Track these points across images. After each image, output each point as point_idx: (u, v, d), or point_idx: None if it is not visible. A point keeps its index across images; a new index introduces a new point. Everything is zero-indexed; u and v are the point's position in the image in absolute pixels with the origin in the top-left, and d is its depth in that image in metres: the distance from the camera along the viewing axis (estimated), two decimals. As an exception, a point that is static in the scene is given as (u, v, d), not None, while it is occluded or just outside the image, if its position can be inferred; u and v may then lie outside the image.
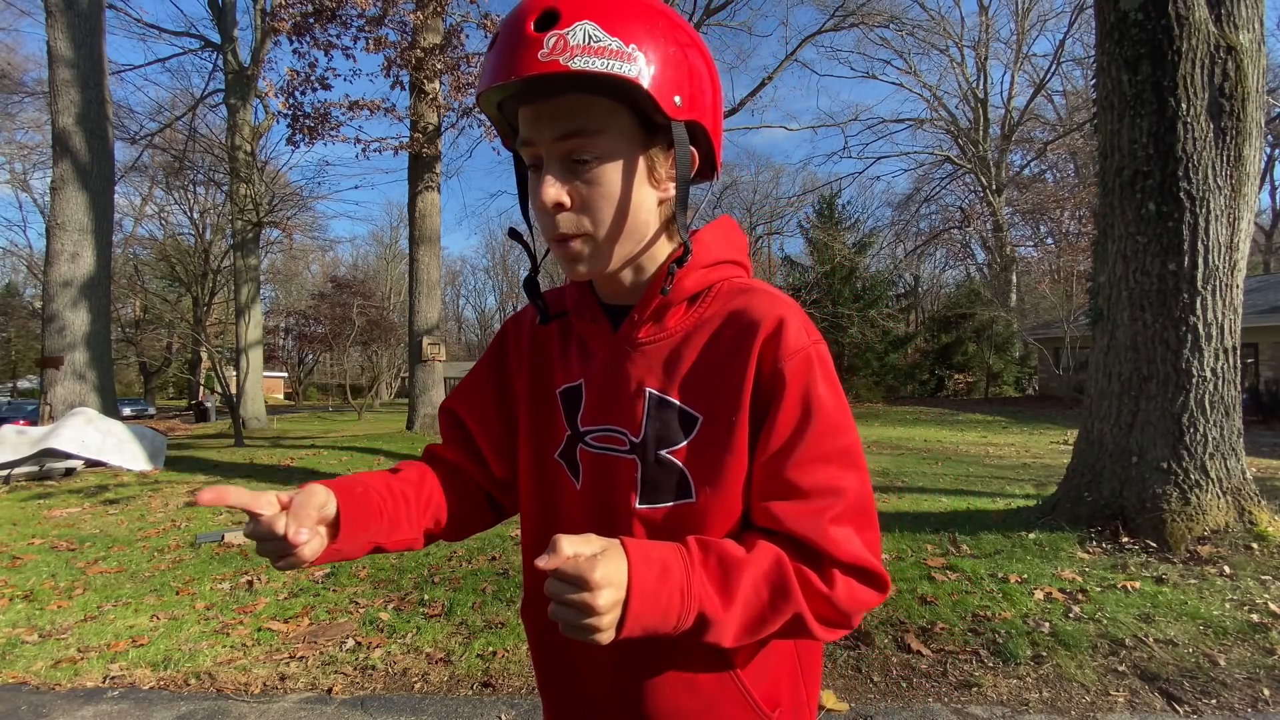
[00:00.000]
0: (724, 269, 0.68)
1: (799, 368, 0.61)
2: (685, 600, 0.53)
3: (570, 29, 0.54)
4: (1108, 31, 3.77)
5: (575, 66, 0.54)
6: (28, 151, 27.82)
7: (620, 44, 0.55)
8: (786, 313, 0.63)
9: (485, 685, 2.43)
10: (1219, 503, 3.47)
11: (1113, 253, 3.80)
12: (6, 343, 32.69)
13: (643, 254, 0.66)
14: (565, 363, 0.73)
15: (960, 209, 31.23)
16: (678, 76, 0.58)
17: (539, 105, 0.59)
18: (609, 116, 0.59)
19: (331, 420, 19.63)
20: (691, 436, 0.63)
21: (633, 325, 0.67)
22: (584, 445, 0.69)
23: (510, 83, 0.57)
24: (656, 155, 0.62)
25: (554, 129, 0.59)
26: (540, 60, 0.54)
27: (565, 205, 0.60)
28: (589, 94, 0.58)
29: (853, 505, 0.60)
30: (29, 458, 6.87)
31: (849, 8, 20.53)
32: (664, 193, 0.64)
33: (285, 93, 10.30)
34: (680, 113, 0.59)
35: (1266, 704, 2.15)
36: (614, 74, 0.54)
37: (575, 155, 0.59)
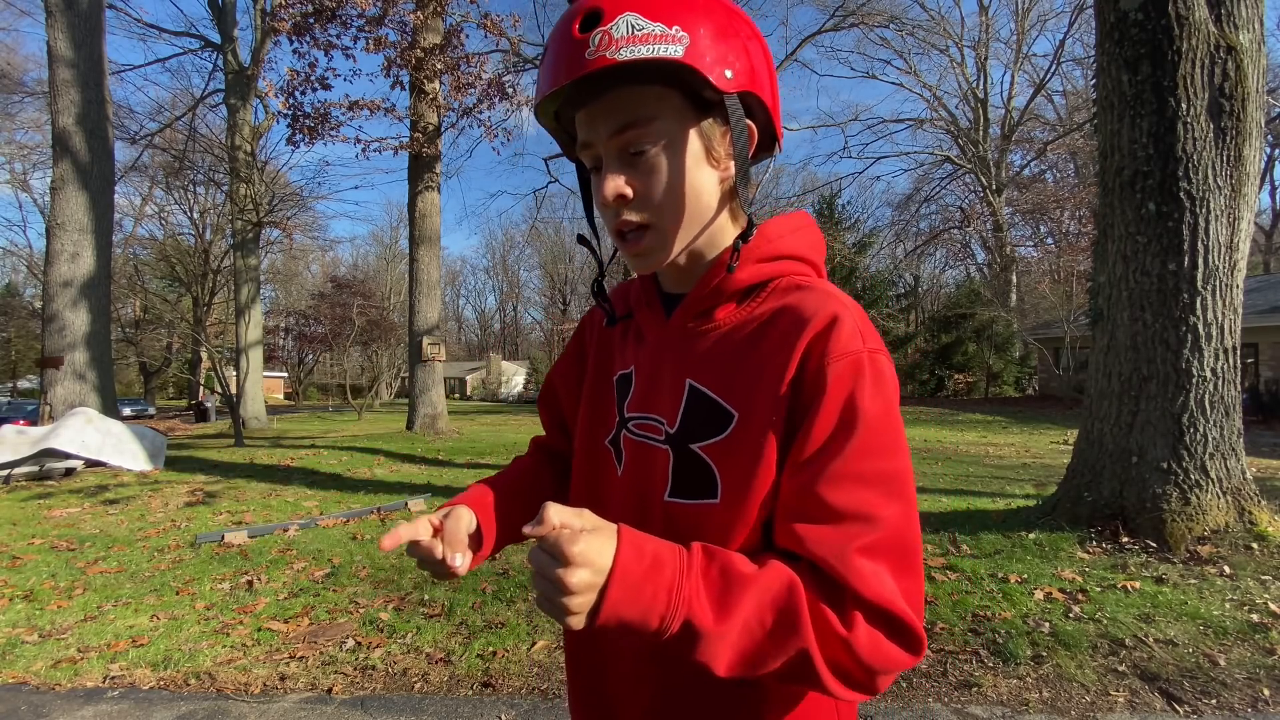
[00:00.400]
0: (787, 264, 0.65)
1: (845, 371, 0.55)
2: (672, 602, 0.49)
3: (613, 23, 0.55)
4: (1108, 31, 3.77)
5: (621, 58, 0.54)
6: (28, 151, 27.84)
7: (664, 28, 0.55)
8: (843, 312, 0.58)
9: (485, 685, 2.43)
10: (1219, 503, 3.47)
11: (1113, 253, 3.80)
12: (6, 343, 32.69)
13: (704, 237, 0.65)
14: (624, 349, 0.74)
15: (960, 209, 31.24)
16: (726, 50, 0.58)
17: (592, 106, 0.60)
18: (660, 102, 0.59)
19: (331, 420, 19.64)
20: (724, 434, 0.60)
21: (684, 313, 0.66)
22: (627, 431, 0.69)
23: (563, 89, 0.57)
24: (712, 134, 0.61)
25: (608, 125, 0.59)
26: (587, 59, 0.55)
27: (627, 197, 0.60)
28: (639, 84, 0.58)
29: (889, 540, 0.53)
30: (29, 458, 6.87)
31: (849, 8, 20.53)
32: (724, 172, 0.63)
33: (285, 93, 10.31)
34: (731, 85, 0.58)
35: (1266, 704, 2.15)
36: (659, 58, 0.54)
37: (632, 147, 0.59)
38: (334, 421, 18.80)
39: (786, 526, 0.56)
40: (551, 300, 58.37)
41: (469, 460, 8.74)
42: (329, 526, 4.83)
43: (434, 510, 0.68)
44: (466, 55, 10.88)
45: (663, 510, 0.63)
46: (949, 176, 31.22)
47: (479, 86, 11.03)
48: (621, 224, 0.62)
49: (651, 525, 0.61)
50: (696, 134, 0.60)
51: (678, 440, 0.63)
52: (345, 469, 7.78)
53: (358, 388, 25.18)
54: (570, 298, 53.07)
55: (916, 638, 0.52)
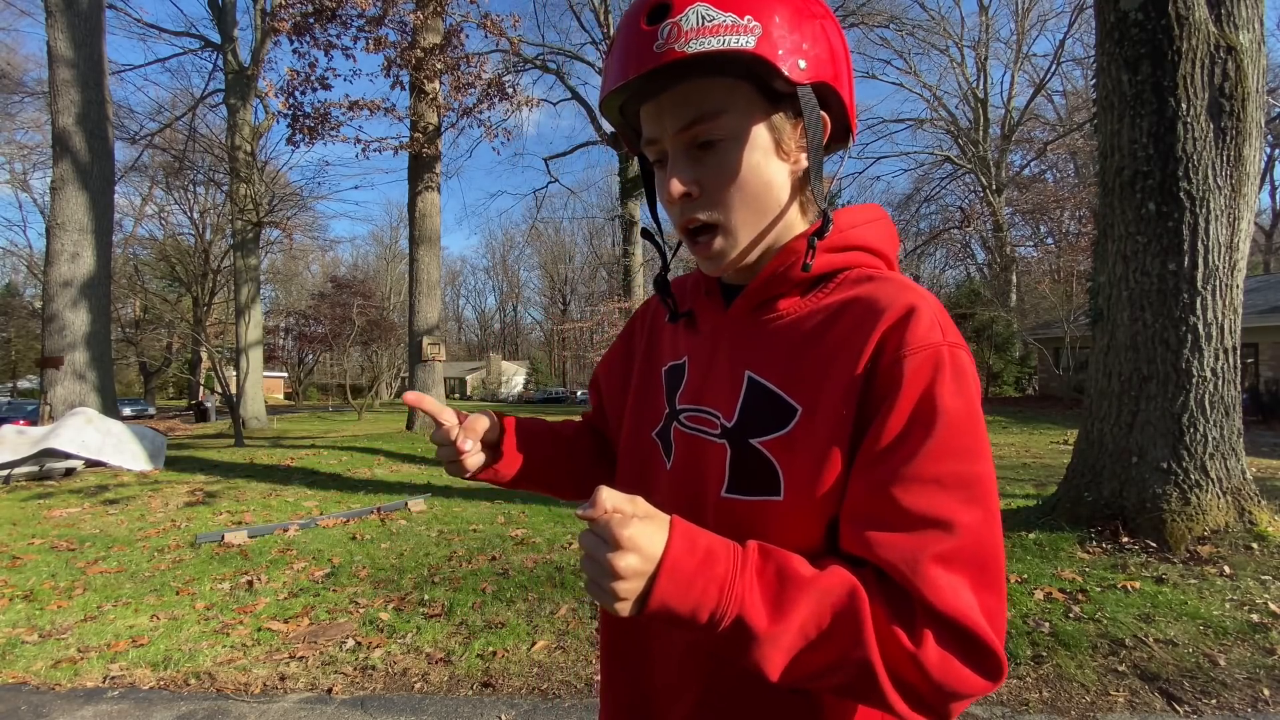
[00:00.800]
0: (857, 255, 0.62)
1: (923, 364, 0.52)
2: (724, 598, 0.46)
3: (683, 15, 0.53)
4: (1108, 31, 3.77)
5: (691, 50, 0.52)
6: (28, 151, 27.84)
7: (735, 18, 0.53)
8: (920, 304, 0.55)
9: (485, 685, 2.43)
10: (1219, 503, 3.47)
11: (1113, 253, 3.80)
12: (6, 343, 32.68)
13: (773, 231, 0.62)
14: (675, 340, 0.72)
15: (960, 209, 31.21)
16: (800, 39, 0.55)
17: (659, 100, 0.58)
18: (730, 95, 0.57)
19: (331, 420, 19.64)
20: (787, 429, 0.57)
21: (745, 302, 0.63)
22: (678, 424, 0.66)
23: (631, 83, 0.56)
24: (783, 125, 0.59)
25: (675, 120, 0.57)
26: (656, 52, 0.53)
27: (693, 195, 0.59)
28: (708, 77, 0.56)
29: (968, 549, 0.48)
30: (29, 458, 6.87)
31: (849, 8, 20.53)
32: (795, 164, 0.61)
33: (285, 93, 10.31)
34: (805, 76, 0.56)
35: (1266, 704, 2.15)
36: (730, 49, 0.52)
37: (699, 140, 0.58)
38: (334, 421, 18.80)
39: (854, 529, 0.52)
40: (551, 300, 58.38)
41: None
42: (329, 526, 4.83)
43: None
44: (466, 55, 10.89)
45: (717, 506, 0.60)
46: (949, 176, 31.22)
47: (479, 86, 11.03)
48: (689, 221, 0.60)
49: (704, 521, 0.57)
50: (766, 127, 0.58)
51: (735, 434, 0.60)
52: (345, 469, 7.78)
53: (358, 388, 25.19)
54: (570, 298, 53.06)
55: (995, 659, 0.47)
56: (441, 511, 5.31)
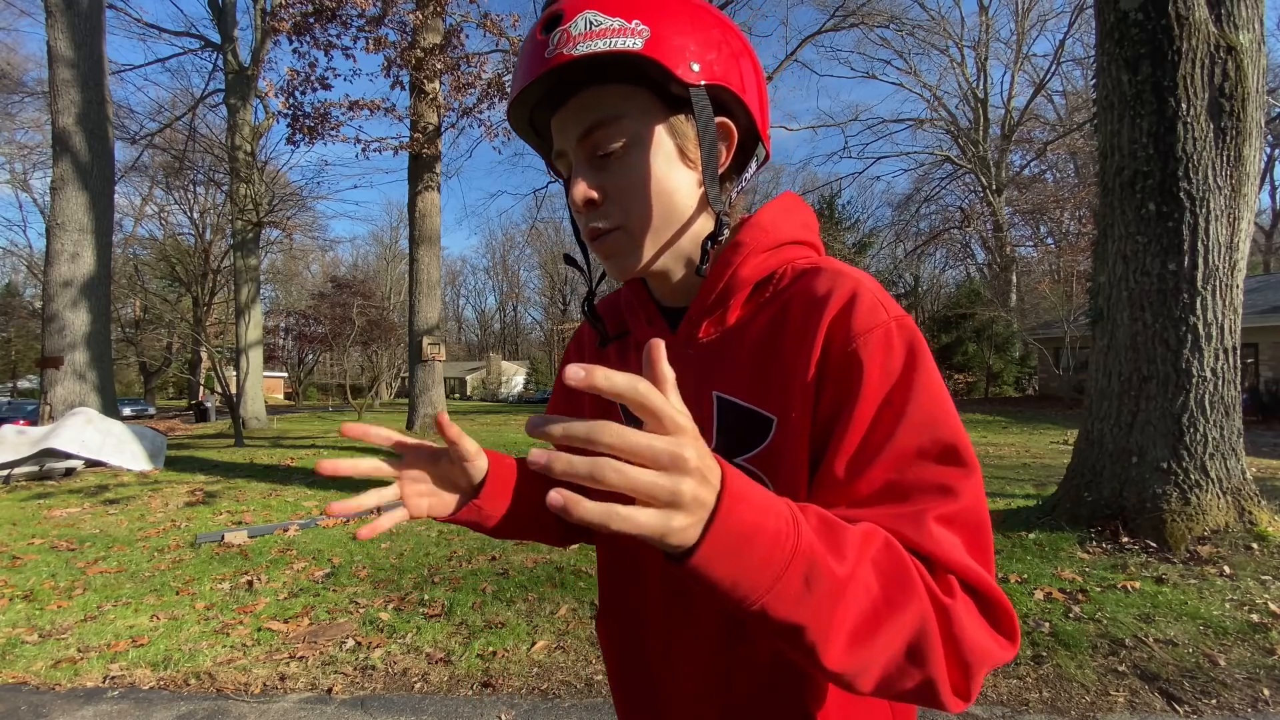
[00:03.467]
0: (789, 250, 0.62)
1: (877, 345, 0.52)
2: (789, 529, 0.39)
3: (572, 21, 0.54)
4: (1108, 31, 3.77)
5: (577, 53, 0.53)
6: (28, 151, 27.85)
7: (622, 22, 0.53)
8: (859, 286, 0.55)
9: (485, 685, 2.43)
10: (1219, 503, 3.47)
11: (1113, 253, 3.80)
12: (6, 343, 32.68)
13: (686, 243, 0.61)
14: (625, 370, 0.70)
15: (960, 209, 31.23)
16: (690, 43, 0.56)
17: (561, 112, 0.59)
18: (626, 100, 0.57)
19: (332, 420, 19.63)
20: (767, 441, 0.57)
21: (691, 324, 0.63)
22: None
23: (531, 93, 0.57)
24: (686, 132, 0.59)
25: (577, 127, 0.58)
26: (546, 58, 0.54)
27: (595, 201, 0.59)
28: (605, 84, 0.57)
29: (966, 511, 0.47)
30: (29, 458, 6.87)
31: (849, 8, 20.54)
32: (699, 170, 0.60)
33: (285, 92, 10.30)
34: (697, 77, 0.55)
35: (1266, 704, 2.15)
36: (615, 50, 0.53)
37: (600, 149, 0.58)
38: (334, 421, 18.80)
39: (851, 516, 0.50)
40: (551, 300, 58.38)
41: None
42: (329, 526, 4.83)
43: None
44: (466, 55, 10.88)
45: None
46: (949, 176, 31.24)
47: (479, 86, 11.02)
48: (591, 231, 0.60)
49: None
50: (667, 131, 0.58)
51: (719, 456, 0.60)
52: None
53: (358, 388, 25.18)
54: (570, 298, 53.06)
55: (1010, 618, 0.45)
56: (441, 511, 5.31)
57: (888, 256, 32.04)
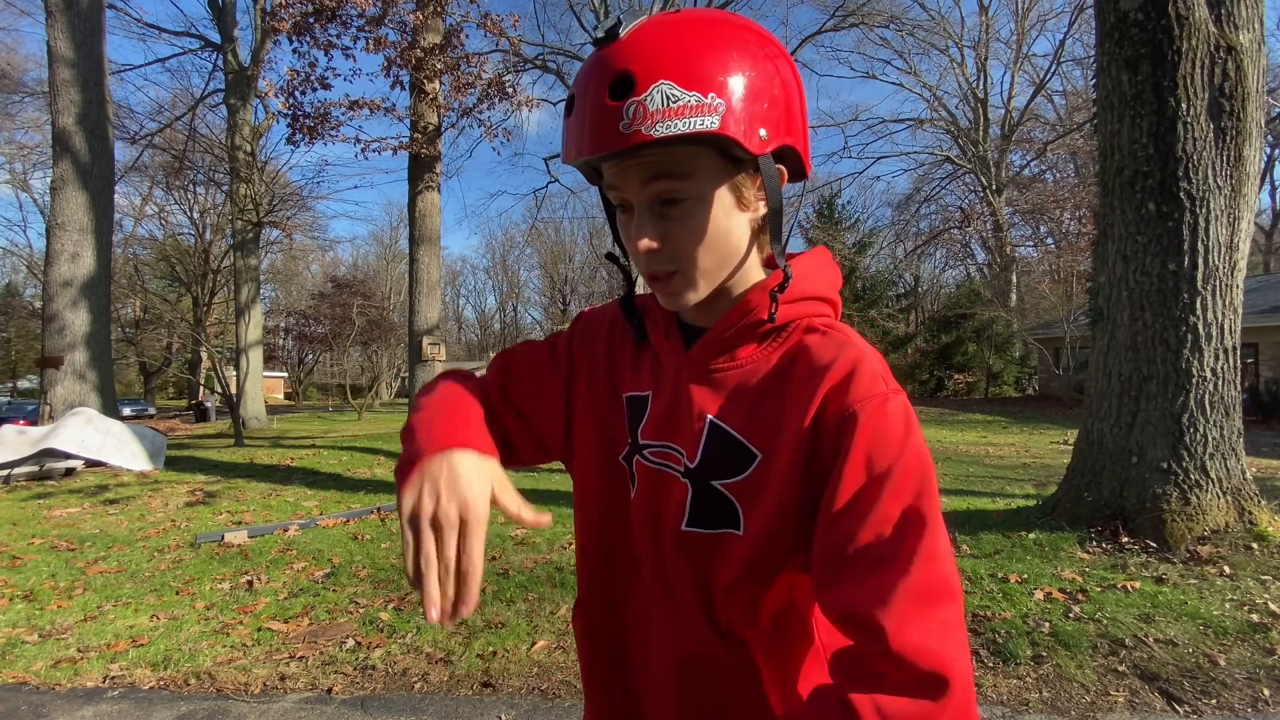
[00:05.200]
0: (808, 305, 0.66)
1: (869, 417, 0.56)
2: None
3: (647, 94, 0.53)
4: (1108, 31, 3.77)
5: (658, 134, 0.53)
6: (28, 151, 27.83)
7: (699, 97, 0.54)
8: (859, 358, 0.59)
9: (485, 685, 2.43)
10: (1219, 503, 3.47)
11: (1113, 253, 3.80)
12: (6, 343, 32.69)
13: (733, 280, 0.65)
14: (637, 370, 0.72)
15: (960, 209, 31.23)
16: (761, 108, 0.57)
17: (623, 161, 0.59)
18: (694, 161, 0.58)
19: (331, 420, 19.64)
20: (748, 473, 0.61)
21: (704, 349, 0.66)
22: (641, 458, 0.69)
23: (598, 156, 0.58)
24: (744, 182, 0.61)
25: (642, 175, 0.59)
26: (622, 132, 0.54)
27: (656, 249, 0.61)
28: (672, 146, 0.57)
29: (925, 581, 0.51)
30: (29, 458, 6.87)
31: (849, 8, 20.52)
32: (754, 214, 0.63)
33: (285, 92, 10.30)
34: (766, 145, 0.58)
35: (1266, 704, 2.15)
36: (696, 132, 0.54)
37: (665, 196, 0.59)
38: (334, 421, 18.81)
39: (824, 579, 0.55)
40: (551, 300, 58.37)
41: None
42: (329, 526, 4.83)
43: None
44: (466, 55, 10.87)
45: (676, 538, 0.65)
46: (949, 176, 31.22)
47: (479, 86, 11.02)
48: (652, 274, 0.63)
49: (661, 551, 0.65)
50: (728, 188, 0.60)
51: (697, 475, 0.64)
52: (345, 469, 7.78)
53: (358, 388, 25.19)
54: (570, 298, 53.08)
55: (934, 681, 0.49)
56: (441, 511, 5.31)
57: (888, 256, 32.02)
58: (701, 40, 0.56)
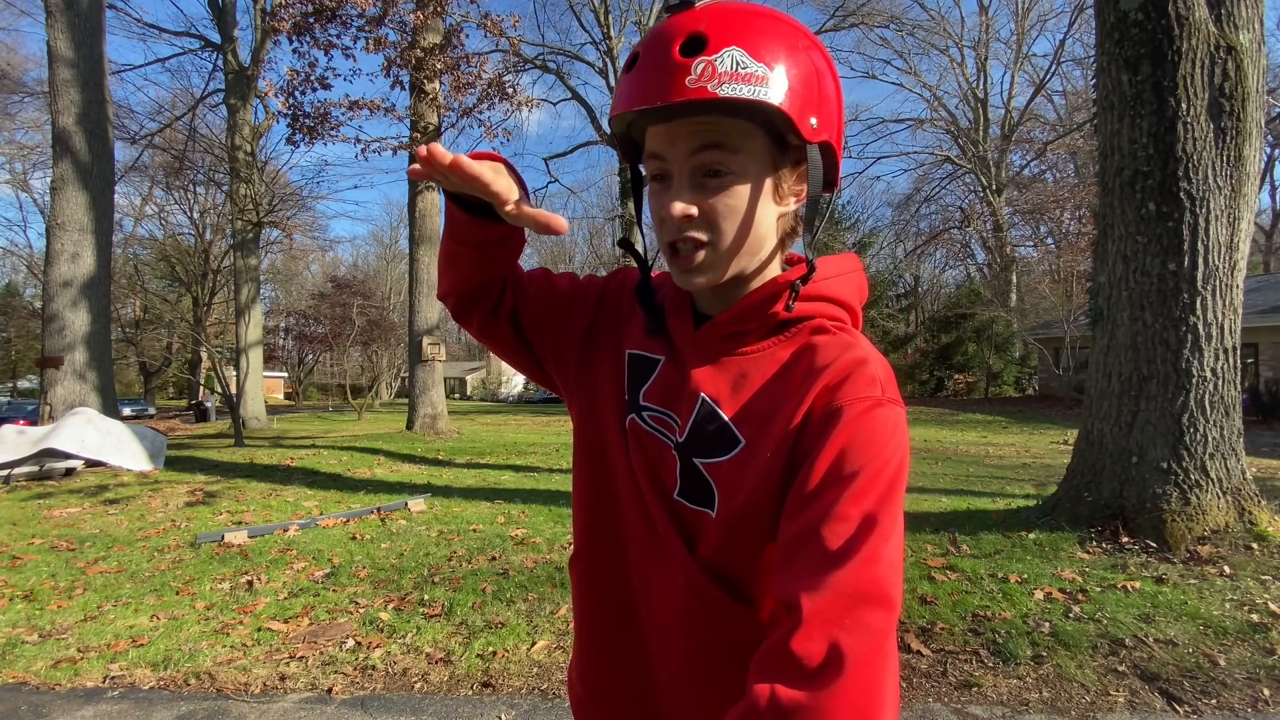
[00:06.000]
0: (825, 306, 0.66)
1: (855, 416, 0.55)
2: None
3: (718, 55, 0.54)
4: (1108, 32, 3.77)
5: (724, 94, 0.54)
6: (28, 151, 27.83)
7: (765, 69, 0.55)
8: (863, 360, 0.59)
9: (485, 685, 2.43)
10: (1219, 503, 3.47)
11: (1113, 253, 3.80)
12: (6, 343, 32.69)
13: (755, 270, 0.65)
14: (649, 333, 0.73)
15: (960, 209, 31.24)
16: (814, 98, 0.59)
17: (673, 126, 0.59)
18: (746, 137, 0.59)
19: (331, 420, 19.63)
20: (729, 456, 0.62)
21: (714, 329, 0.66)
22: (636, 418, 0.69)
23: (655, 109, 0.57)
24: (785, 175, 0.62)
25: (689, 143, 0.59)
26: (689, 86, 0.54)
27: (693, 218, 0.60)
28: (728, 116, 0.58)
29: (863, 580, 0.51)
30: (29, 458, 6.87)
31: (849, 8, 20.55)
32: (784, 207, 0.64)
33: (285, 92, 10.30)
34: (815, 135, 0.59)
35: (1266, 704, 2.15)
36: (759, 100, 0.55)
37: (710, 168, 0.59)
38: (334, 421, 18.80)
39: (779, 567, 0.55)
40: (551, 300, 58.20)
41: (469, 460, 8.74)
42: (329, 526, 4.83)
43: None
44: (466, 55, 10.88)
45: (671, 506, 0.66)
46: (949, 176, 31.23)
47: (479, 86, 11.02)
48: (682, 240, 0.61)
49: (657, 517, 0.66)
50: (770, 171, 0.61)
51: (684, 449, 0.65)
52: (345, 469, 7.78)
53: (358, 388, 25.18)
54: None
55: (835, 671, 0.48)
56: (441, 511, 5.31)
57: (888, 256, 32.03)
58: (769, 24, 0.58)
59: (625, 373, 0.72)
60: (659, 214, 0.62)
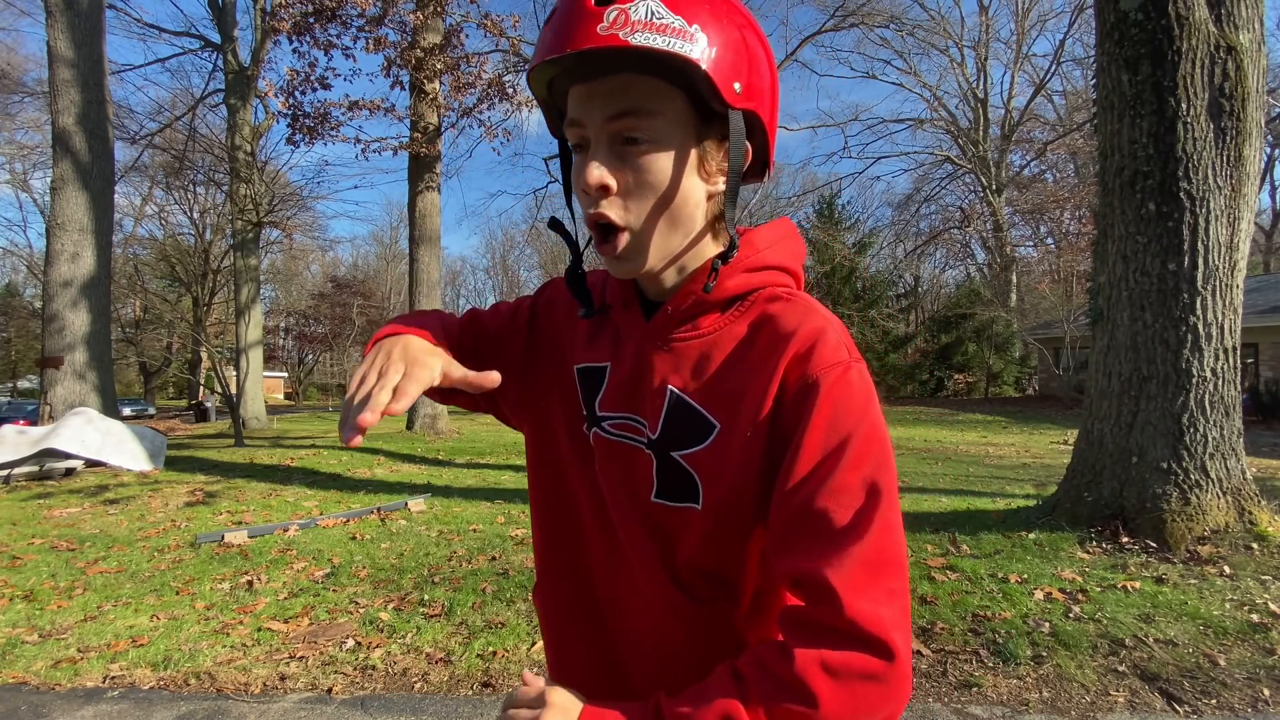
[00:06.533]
0: (771, 274, 0.64)
1: (831, 385, 0.55)
2: None
3: (632, 3, 0.52)
4: (1108, 31, 3.77)
5: (636, 42, 0.51)
6: (28, 151, 27.82)
7: (683, 22, 0.52)
8: (824, 327, 0.58)
9: (485, 685, 2.43)
10: (1219, 503, 3.47)
11: (1113, 253, 3.80)
12: (6, 343, 32.70)
13: (686, 251, 0.62)
14: (593, 341, 0.71)
15: (960, 209, 31.22)
16: (738, 62, 0.55)
17: (592, 84, 0.57)
18: (665, 99, 0.56)
19: (331, 420, 19.63)
20: (707, 443, 0.60)
21: (666, 320, 0.64)
22: (599, 430, 0.67)
23: (564, 59, 0.54)
24: (709, 146, 0.59)
25: (606, 108, 0.56)
26: (599, 34, 0.52)
27: (611, 189, 0.57)
28: (645, 74, 0.55)
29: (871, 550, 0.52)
30: (29, 458, 6.87)
31: (849, 8, 20.52)
32: (712, 186, 0.61)
33: (285, 93, 10.31)
34: (739, 100, 0.56)
35: (1266, 704, 2.15)
36: (675, 53, 0.52)
37: (626, 134, 0.56)
38: (334, 421, 18.79)
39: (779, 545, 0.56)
40: (551, 300, 58.26)
41: (469, 460, 8.74)
42: (329, 526, 4.83)
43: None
44: (466, 55, 10.88)
45: (647, 510, 0.64)
46: (949, 176, 31.22)
47: (479, 86, 11.02)
48: (598, 216, 0.58)
49: (633, 524, 0.64)
50: (693, 141, 0.58)
51: (659, 446, 0.63)
52: (345, 469, 7.78)
53: (358, 388, 25.10)
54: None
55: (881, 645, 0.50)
56: (441, 511, 5.31)
57: (888, 256, 32.02)
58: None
59: (577, 388, 0.70)
60: (578, 186, 0.60)
